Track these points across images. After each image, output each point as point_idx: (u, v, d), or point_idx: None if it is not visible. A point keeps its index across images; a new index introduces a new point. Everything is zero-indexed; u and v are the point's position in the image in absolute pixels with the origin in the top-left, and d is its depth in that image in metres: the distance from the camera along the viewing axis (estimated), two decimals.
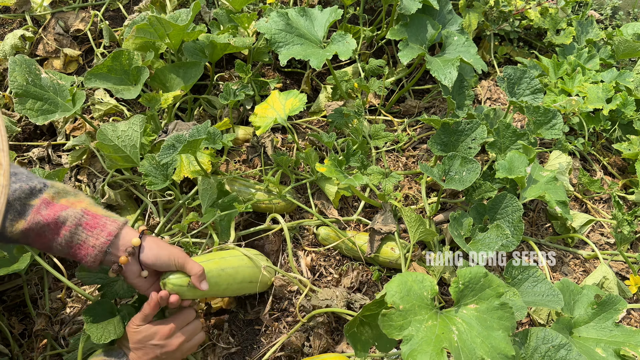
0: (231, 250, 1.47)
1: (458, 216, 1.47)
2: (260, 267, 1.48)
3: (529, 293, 1.44)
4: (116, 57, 1.57)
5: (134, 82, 1.60)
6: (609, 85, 2.08)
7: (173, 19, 1.67)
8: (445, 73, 1.73)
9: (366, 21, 2.29)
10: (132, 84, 1.60)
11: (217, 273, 1.34)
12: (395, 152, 1.97)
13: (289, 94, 1.67)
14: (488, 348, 1.07)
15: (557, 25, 2.45)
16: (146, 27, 1.62)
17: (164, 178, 1.52)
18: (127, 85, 1.59)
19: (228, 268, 1.39)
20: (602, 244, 1.85)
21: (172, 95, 1.63)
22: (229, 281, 1.38)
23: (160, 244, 1.25)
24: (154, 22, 1.59)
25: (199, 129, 1.47)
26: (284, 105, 1.65)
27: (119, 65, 1.58)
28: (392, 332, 1.08)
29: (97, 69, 1.57)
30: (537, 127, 1.80)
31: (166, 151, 1.43)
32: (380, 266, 1.64)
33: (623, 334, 1.39)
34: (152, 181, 1.50)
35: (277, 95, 1.68)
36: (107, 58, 1.56)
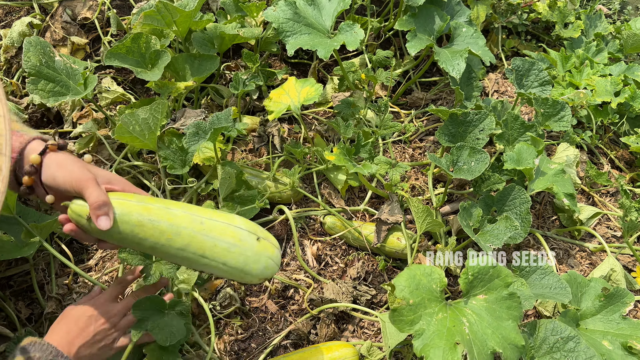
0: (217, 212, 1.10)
1: (468, 206, 1.47)
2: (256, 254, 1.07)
3: (536, 285, 1.44)
4: (135, 39, 1.57)
5: (149, 66, 1.60)
6: (617, 79, 2.07)
7: (182, 6, 1.67)
8: (453, 64, 1.72)
9: (374, 12, 2.28)
10: (147, 67, 1.59)
11: (139, 219, 0.99)
12: (402, 143, 1.96)
13: (305, 82, 1.67)
14: (499, 339, 1.07)
15: (566, 19, 2.44)
16: (153, 13, 1.62)
17: (182, 163, 1.56)
18: (143, 68, 1.59)
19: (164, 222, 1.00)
20: (609, 237, 1.84)
21: (184, 84, 1.63)
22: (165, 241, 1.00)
23: (64, 162, 1.00)
24: (161, 9, 1.58)
25: (219, 116, 1.48)
26: (299, 93, 1.65)
27: (137, 47, 1.58)
28: (403, 327, 1.07)
29: (116, 48, 1.57)
30: (545, 119, 1.79)
31: (193, 138, 1.45)
32: (387, 256, 1.64)
33: (630, 327, 1.38)
34: (172, 165, 1.54)
35: (294, 82, 1.68)
36: (127, 39, 1.56)
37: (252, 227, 1.09)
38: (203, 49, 1.76)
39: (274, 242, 1.11)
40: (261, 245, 1.07)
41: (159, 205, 1.03)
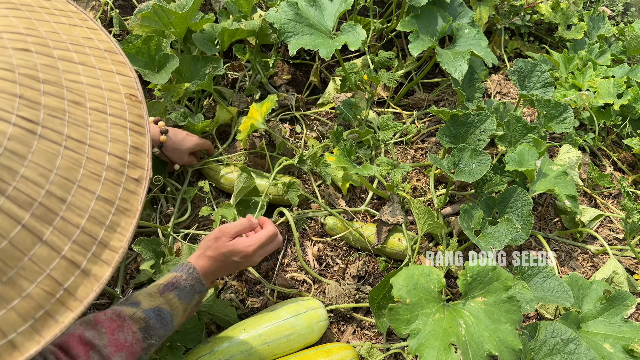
0: (266, 316, 1.38)
1: (469, 208, 1.47)
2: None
3: (538, 288, 1.44)
4: (146, 41, 1.57)
5: (157, 68, 1.60)
6: (620, 81, 2.07)
7: (179, 8, 1.67)
8: (455, 66, 1.72)
9: (376, 13, 2.28)
10: (155, 69, 1.60)
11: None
12: (403, 144, 1.96)
13: (262, 102, 1.66)
14: (496, 342, 1.07)
15: (569, 20, 2.43)
16: (150, 15, 1.62)
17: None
18: (151, 70, 1.59)
19: (238, 355, 1.31)
20: (611, 239, 1.83)
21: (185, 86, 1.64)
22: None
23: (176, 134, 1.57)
24: (158, 10, 1.58)
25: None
26: (260, 112, 1.65)
27: (147, 49, 1.59)
28: (400, 326, 1.07)
29: (126, 49, 1.58)
30: (547, 120, 1.78)
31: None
32: (387, 257, 1.64)
33: (632, 330, 1.38)
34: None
35: (255, 107, 1.67)
36: (139, 40, 1.56)
37: (295, 309, 1.39)
38: (205, 48, 1.76)
39: (315, 304, 1.43)
40: (307, 318, 1.39)
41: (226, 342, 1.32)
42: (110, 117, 0.64)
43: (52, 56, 0.62)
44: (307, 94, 2.08)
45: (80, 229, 0.58)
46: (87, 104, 0.63)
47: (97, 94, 0.64)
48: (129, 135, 0.65)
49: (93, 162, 0.60)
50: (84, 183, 0.59)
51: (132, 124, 0.66)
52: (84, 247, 0.58)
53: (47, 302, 0.56)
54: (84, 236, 0.58)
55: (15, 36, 0.60)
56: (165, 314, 1.11)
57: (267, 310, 1.42)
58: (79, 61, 0.65)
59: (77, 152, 0.59)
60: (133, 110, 0.68)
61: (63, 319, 0.56)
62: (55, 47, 0.64)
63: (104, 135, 0.63)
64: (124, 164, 0.64)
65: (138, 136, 0.67)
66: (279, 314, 1.39)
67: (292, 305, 1.42)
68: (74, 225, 0.58)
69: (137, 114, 0.68)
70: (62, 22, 0.68)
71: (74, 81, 0.63)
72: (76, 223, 0.58)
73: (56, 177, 0.56)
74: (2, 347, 0.53)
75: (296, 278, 1.59)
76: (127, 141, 0.65)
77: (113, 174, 0.62)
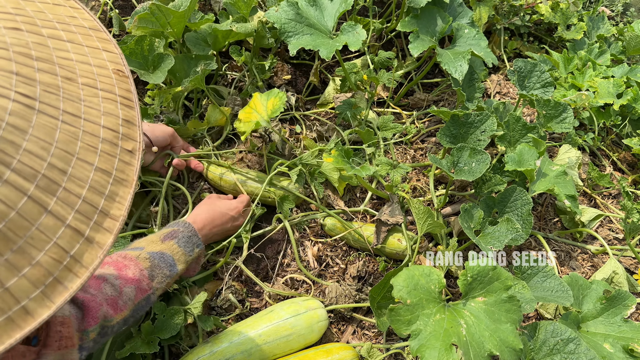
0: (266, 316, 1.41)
1: (469, 208, 1.47)
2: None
3: (538, 288, 1.44)
4: (139, 42, 1.57)
5: (151, 68, 1.59)
6: (619, 81, 2.07)
7: (176, 7, 1.66)
8: (455, 66, 1.72)
9: (376, 13, 2.28)
10: (149, 69, 1.59)
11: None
12: (403, 144, 1.96)
13: (269, 94, 1.66)
14: (496, 341, 1.07)
15: (568, 21, 2.43)
16: (148, 16, 1.61)
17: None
18: (145, 70, 1.59)
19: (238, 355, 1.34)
20: (611, 239, 1.84)
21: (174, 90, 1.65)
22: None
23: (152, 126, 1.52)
24: (155, 11, 1.58)
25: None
26: (265, 107, 1.64)
27: (140, 50, 1.58)
28: (400, 327, 1.07)
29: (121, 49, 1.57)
30: (547, 120, 1.78)
31: None
32: (387, 257, 1.64)
33: (632, 330, 1.38)
34: None
35: (259, 97, 1.67)
36: (131, 41, 1.56)
37: (294, 309, 1.40)
38: (197, 48, 1.75)
39: (315, 304, 1.44)
40: (307, 318, 1.39)
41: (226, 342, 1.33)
42: (101, 91, 0.67)
43: (42, 34, 0.64)
44: (307, 94, 2.08)
45: (81, 198, 0.61)
46: (79, 79, 0.65)
47: (87, 70, 0.67)
48: (120, 109, 0.68)
49: (89, 135, 0.63)
50: (82, 155, 0.61)
51: (121, 97, 0.69)
52: (86, 216, 0.61)
53: (56, 269, 0.58)
54: (86, 205, 0.61)
55: (5, 15, 0.62)
56: (168, 256, 1.22)
57: (267, 311, 1.42)
58: (67, 39, 0.67)
59: (73, 126, 0.61)
60: (121, 85, 0.70)
61: (71, 284, 0.59)
62: (44, 26, 0.66)
63: (97, 109, 0.65)
64: (118, 137, 0.66)
65: (128, 109, 0.69)
66: (279, 314, 1.39)
67: (292, 306, 1.42)
68: (75, 195, 0.60)
69: (126, 88, 0.70)
70: (46, 2, 0.71)
71: (64, 58, 0.65)
72: (78, 193, 0.60)
73: (56, 149, 0.59)
74: (16, 313, 0.56)
75: (296, 278, 1.59)
76: (118, 114, 0.67)
77: (108, 146, 0.65)
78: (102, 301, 1.00)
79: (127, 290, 1.07)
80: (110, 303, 1.03)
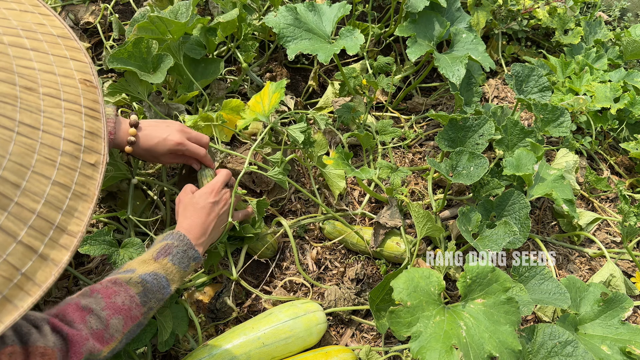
0: (266, 319, 1.40)
1: (467, 211, 1.47)
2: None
3: (535, 290, 1.44)
4: (136, 44, 1.57)
5: (152, 69, 1.60)
6: (616, 85, 2.08)
7: (173, 13, 1.67)
8: (453, 70, 1.73)
9: (374, 18, 2.29)
10: (149, 70, 1.60)
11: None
12: (401, 148, 1.97)
13: (278, 84, 1.57)
14: (496, 343, 1.07)
15: (565, 25, 2.45)
16: (147, 25, 1.62)
17: None
18: (145, 71, 1.59)
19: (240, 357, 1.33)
20: (609, 242, 1.84)
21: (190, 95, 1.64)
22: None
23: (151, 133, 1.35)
24: (155, 20, 1.58)
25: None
26: (270, 100, 1.57)
27: (138, 52, 1.58)
28: (401, 329, 1.08)
29: (118, 53, 1.57)
30: (544, 124, 1.79)
31: None
32: (386, 260, 1.65)
33: (629, 332, 1.39)
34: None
35: (270, 86, 1.59)
36: (129, 44, 1.56)
37: (293, 312, 1.40)
38: (193, 53, 1.75)
39: (314, 307, 1.44)
40: (306, 320, 1.39)
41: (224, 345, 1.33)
42: (64, 102, 0.65)
43: (2, 42, 0.62)
44: (306, 97, 2.09)
45: (36, 214, 0.58)
46: (40, 89, 0.63)
47: (50, 80, 0.65)
48: (84, 120, 0.66)
49: (47, 148, 0.61)
50: (38, 168, 0.59)
51: (87, 109, 0.67)
52: (40, 232, 0.58)
53: (5, 287, 0.55)
54: (41, 221, 0.58)
55: None
56: (161, 277, 1.13)
57: (266, 313, 1.42)
58: (30, 47, 0.65)
59: (30, 138, 0.59)
60: (88, 96, 0.68)
61: (22, 303, 0.56)
62: (5, 33, 0.63)
63: (58, 120, 0.63)
64: (80, 149, 0.64)
65: (93, 121, 0.67)
66: (278, 316, 1.39)
67: (291, 308, 1.42)
68: (29, 210, 0.57)
69: (92, 99, 0.68)
70: (13, 9, 0.68)
71: (25, 67, 0.63)
72: (31, 208, 0.58)
73: (9, 162, 0.56)
74: None
75: (295, 281, 1.60)
76: (82, 126, 0.65)
77: (68, 159, 0.62)
78: (87, 335, 0.94)
79: (114, 322, 1.00)
80: (96, 337, 0.96)
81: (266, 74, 2.05)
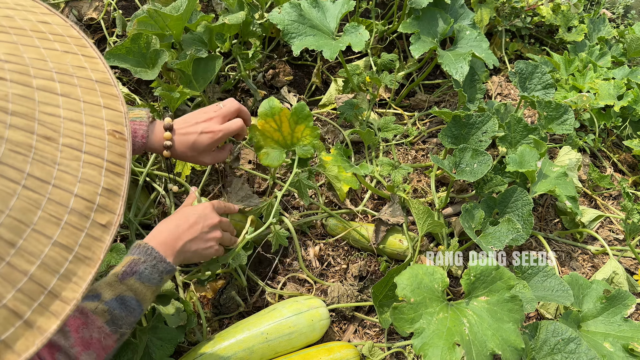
0: (269, 314, 1.40)
1: (470, 208, 1.48)
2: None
3: (538, 287, 1.45)
4: (135, 40, 1.56)
5: (150, 65, 1.60)
6: (620, 82, 2.08)
7: (174, 9, 1.67)
8: (457, 67, 1.73)
9: (378, 15, 2.29)
10: (148, 67, 1.60)
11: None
12: (404, 145, 1.97)
13: (300, 110, 1.43)
14: (499, 340, 1.08)
15: (569, 23, 2.44)
16: (146, 19, 1.62)
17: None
18: (144, 67, 1.59)
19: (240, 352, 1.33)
20: (611, 240, 1.85)
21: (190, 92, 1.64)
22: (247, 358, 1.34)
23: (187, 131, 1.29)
24: (154, 14, 1.58)
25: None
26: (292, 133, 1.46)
27: (137, 47, 1.58)
28: (404, 325, 1.08)
29: (116, 49, 1.57)
30: (548, 122, 1.79)
31: None
32: (388, 257, 1.65)
33: (632, 329, 1.39)
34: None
35: (291, 115, 1.43)
36: (127, 39, 1.55)
37: (297, 307, 1.40)
38: (194, 50, 1.75)
39: (317, 303, 1.44)
40: (309, 316, 1.40)
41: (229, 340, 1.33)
42: (84, 154, 0.59)
43: (30, 86, 0.57)
44: (309, 95, 2.09)
45: (28, 276, 0.53)
46: (60, 139, 0.57)
47: (74, 129, 0.59)
48: (104, 176, 0.60)
49: (55, 204, 0.55)
50: (40, 226, 0.54)
51: (109, 163, 0.61)
52: (29, 296, 0.53)
53: None
54: (32, 284, 0.53)
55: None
56: (129, 300, 1.04)
57: (270, 309, 1.43)
58: (61, 92, 0.60)
59: (37, 192, 0.54)
60: (114, 149, 0.62)
61: None
62: (37, 76, 0.59)
63: (74, 174, 0.58)
64: (92, 208, 0.58)
65: (114, 177, 0.61)
66: (281, 312, 1.40)
67: (294, 304, 1.43)
68: (20, 272, 0.52)
69: (119, 152, 0.63)
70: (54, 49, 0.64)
71: (49, 114, 0.57)
72: (24, 270, 0.52)
73: (7, 218, 0.52)
74: None
75: (298, 277, 1.60)
76: (99, 182, 0.60)
77: (76, 218, 0.57)
78: None
79: (85, 357, 0.92)
80: None
81: (269, 70, 2.05)
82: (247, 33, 1.89)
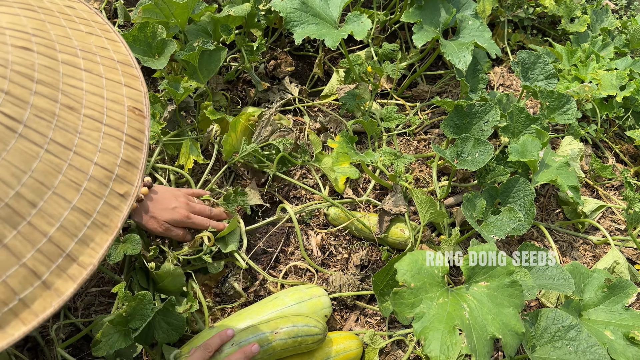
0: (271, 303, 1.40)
1: (472, 197, 1.48)
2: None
3: (540, 276, 1.45)
4: (142, 28, 1.56)
5: (156, 55, 1.60)
6: (622, 73, 2.07)
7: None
8: (459, 57, 1.73)
9: (380, 5, 2.29)
10: (154, 56, 1.60)
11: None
12: (406, 135, 1.97)
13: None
14: (499, 325, 1.08)
15: (572, 13, 2.43)
16: (151, 7, 1.62)
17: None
18: (150, 56, 1.59)
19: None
20: (613, 229, 1.85)
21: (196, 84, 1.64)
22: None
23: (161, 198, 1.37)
24: (159, 2, 1.58)
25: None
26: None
27: (143, 36, 1.58)
28: (404, 309, 1.09)
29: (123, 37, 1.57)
30: (550, 111, 1.79)
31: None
32: (390, 247, 1.65)
33: (632, 318, 1.39)
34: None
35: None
36: (134, 28, 1.56)
37: (298, 296, 1.41)
38: (198, 40, 1.75)
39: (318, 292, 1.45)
40: (311, 305, 1.40)
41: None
42: (105, 126, 0.61)
43: (55, 59, 0.60)
44: (311, 85, 2.09)
45: (47, 237, 0.54)
46: (82, 110, 0.60)
47: (95, 102, 0.62)
48: (123, 149, 0.62)
49: (75, 170, 0.57)
50: (60, 190, 0.56)
51: (129, 137, 0.63)
52: (48, 257, 0.54)
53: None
54: (51, 246, 0.55)
55: (19, 34, 0.58)
56: None
57: (272, 297, 1.43)
58: (84, 67, 0.63)
59: (58, 157, 0.56)
60: (134, 124, 0.65)
61: (13, 331, 0.52)
62: (62, 51, 0.61)
63: (94, 144, 0.60)
64: (111, 177, 0.60)
65: (133, 150, 0.63)
66: (284, 300, 1.40)
67: (296, 293, 1.43)
68: (40, 232, 0.54)
69: (138, 127, 0.65)
70: (79, 29, 0.67)
71: (73, 86, 0.60)
72: (43, 231, 0.54)
73: (30, 179, 0.53)
74: None
75: (299, 267, 1.61)
76: (119, 154, 0.62)
77: (96, 186, 0.59)
78: None
79: None
80: None
81: (271, 61, 2.05)
82: (251, 24, 1.89)
